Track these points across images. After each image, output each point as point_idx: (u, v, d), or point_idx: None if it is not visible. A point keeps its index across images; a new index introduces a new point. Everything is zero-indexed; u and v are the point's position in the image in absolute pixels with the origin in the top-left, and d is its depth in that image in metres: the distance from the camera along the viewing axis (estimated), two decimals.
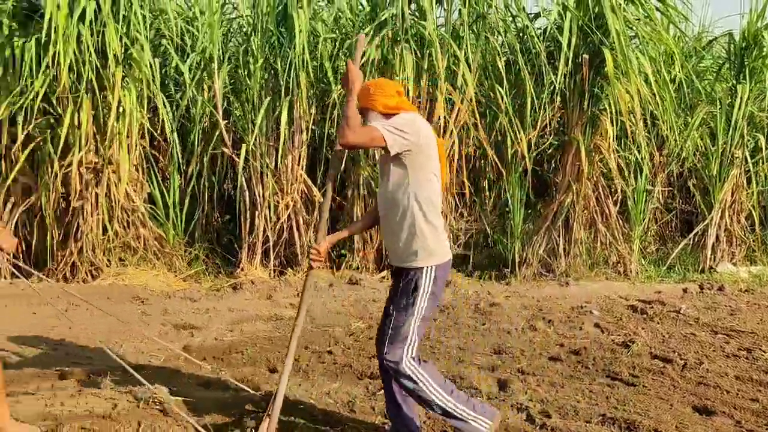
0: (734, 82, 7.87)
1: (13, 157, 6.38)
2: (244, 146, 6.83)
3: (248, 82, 6.85)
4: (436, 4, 6.76)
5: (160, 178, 7.20)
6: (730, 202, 7.91)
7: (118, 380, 4.22)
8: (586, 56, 6.85)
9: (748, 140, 7.80)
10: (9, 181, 6.45)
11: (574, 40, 6.81)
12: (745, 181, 7.95)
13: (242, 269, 7.00)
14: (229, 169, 7.59)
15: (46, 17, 5.90)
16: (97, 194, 6.57)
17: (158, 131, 7.22)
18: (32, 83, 6.12)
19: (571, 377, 4.61)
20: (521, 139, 6.99)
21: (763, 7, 7.79)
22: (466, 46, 6.79)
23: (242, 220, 7.06)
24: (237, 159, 6.87)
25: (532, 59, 7.10)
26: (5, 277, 6.61)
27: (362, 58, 6.42)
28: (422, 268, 3.18)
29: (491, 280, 7.19)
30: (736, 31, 8.05)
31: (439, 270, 3.22)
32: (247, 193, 7.01)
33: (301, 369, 4.57)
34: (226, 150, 7.15)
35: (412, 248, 3.19)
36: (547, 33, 7.22)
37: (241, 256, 7.06)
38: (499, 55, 7.10)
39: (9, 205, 6.60)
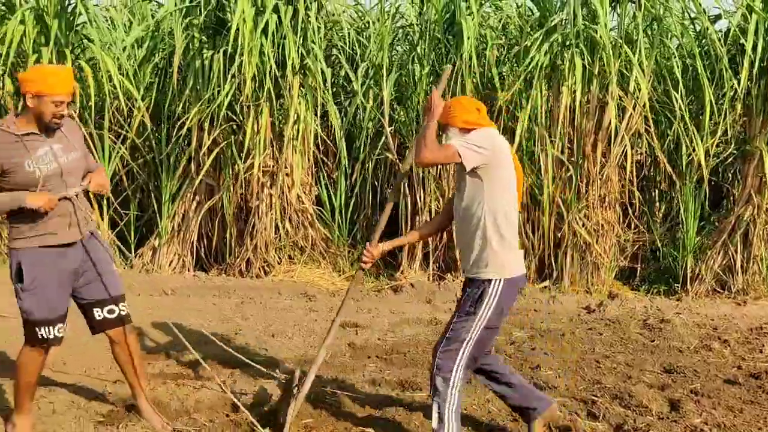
0: None
1: (200, 160, 6.94)
2: (407, 151, 6.98)
3: (414, 88, 6.99)
4: (609, 7, 6.55)
5: (327, 182, 7.55)
6: None
7: (288, 372, 4.49)
8: None
9: None
10: (196, 183, 7.03)
11: (760, 43, 6.35)
12: None
13: (402, 272, 7.15)
14: (391, 174, 7.80)
15: (233, 31, 6.37)
16: (271, 195, 7.00)
17: (327, 137, 7.57)
18: (219, 92, 6.62)
19: (751, 402, 4.30)
20: (698, 147, 6.61)
21: None
22: (640, 50, 6.52)
23: (403, 224, 7.22)
24: (401, 164, 7.03)
25: (712, 63, 6.69)
26: (189, 270, 7.21)
27: (534, 71, 6.38)
28: (490, 280, 3.24)
29: (660, 295, 6.85)
30: None
31: (507, 283, 3.27)
32: (408, 197, 7.16)
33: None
34: (390, 155, 7.35)
35: (483, 260, 3.25)
36: (729, 36, 6.77)
37: (401, 259, 7.22)
38: (675, 58, 6.76)
39: (194, 204, 7.19)
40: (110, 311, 3.56)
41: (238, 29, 6.35)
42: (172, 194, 7.13)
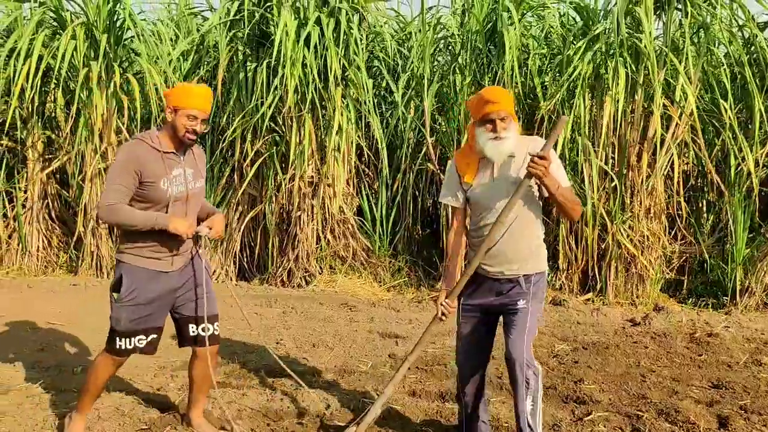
0: None
1: (243, 170, 7.03)
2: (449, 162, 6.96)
3: (455, 98, 6.98)
4: (654, 15, 6.45)
5: (368, 192, 7.57)
6: None
7: (329, 382, 4.51)
8: None
9: None
10: (240, 193, 7.13)
11: None
12: None
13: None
14: (431, 185, 7.78)
15: (276, 43, 6.46)
16: (313, 206, 7.05)
17: (369, 147, 7.61)
18: (262, 104, 6.71)
19: None
20: (747, 157, 6.45)
21: None
22: (686, 58, 6.41)
23: (443, 234, 7.19)
24: (442, 175, 7.02)
25: (761, 71, 6.53)
26: (231, 279, 7.30)
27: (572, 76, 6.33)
28: (544, 271, 3.50)
29: (708, 308, 6.68)
30: None
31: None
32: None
33: (504, 387, 4.54)
34: (431, 166, 7.35)
35: (539, 255, 3.46)
36: None
37: (441, 269, 7.20)
38: (723, 66, 6.62)
39: (237, 214, 7.29)
40: (204, 329, 3.62)
41: (281, 41, 6.44)
42: (215, 204, 7.25)
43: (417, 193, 7.72)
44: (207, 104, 3.49)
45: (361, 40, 7.02)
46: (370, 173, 7.88)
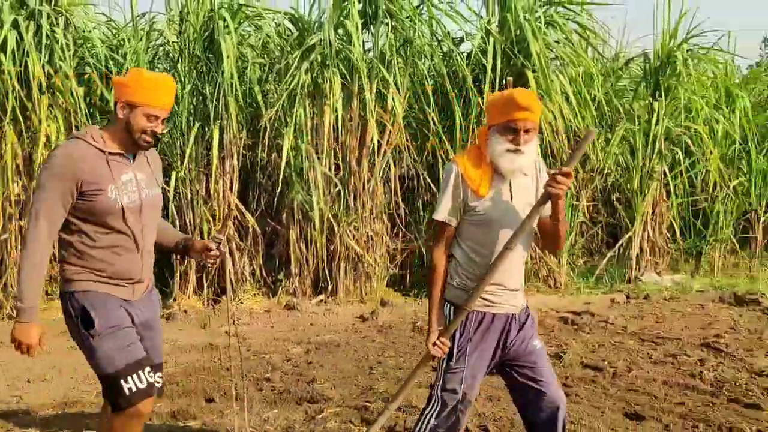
0: (651, 99, 8.24)
1: None
2: (173, 173, 6.74)
3: (176, 108, 6.78)
4: (363, 29, 6.87)
5: None
6: (652, 215, 8.24)
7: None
8: (510, 78, 7.07)
9: (666, 154, 8.15)
10: None
11: (498, 63, 7.03)
12: (665, 194, 8.30)
13: (175, 299, 6.87)
14: None
15: None
16: (21, 227, 6.37)
17: None
18: None
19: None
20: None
21: (675, 27, 8.23)
22: (395, 70, 6.92)
23: None
24: (167, 187, 6.78)
25: (459, 82, 7.28)
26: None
27: (292, 83, 6.49)
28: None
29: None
30: (652, 51, 8.45)
31: None
32: (177, 221, 6.91)
33: (239, 398, 4.50)
34: None
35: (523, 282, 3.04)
36: (472, 57, 7.42)
37: (173, 286, 6.94)
38: (426, 78, 7.26)
39: None
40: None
41: None
42: None
43: None
44: (172, 99, 2.89)
45: (68, 45, 6.50)
46: None
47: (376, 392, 4.58)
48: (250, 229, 6.97)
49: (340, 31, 6.82)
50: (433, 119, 7.04)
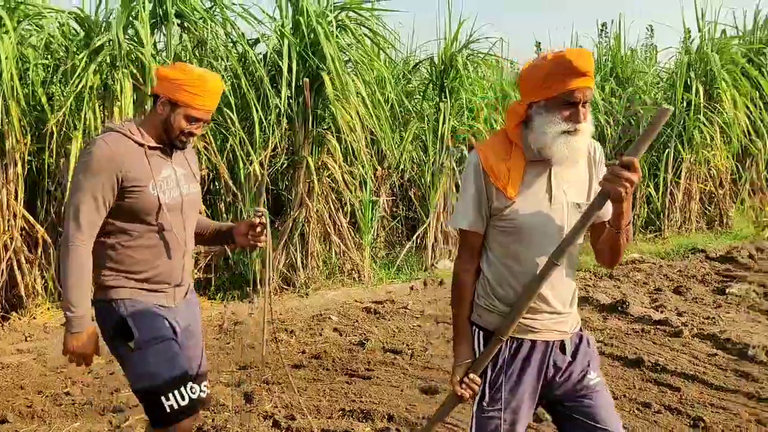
0: (437, 100, 8.87)
1: None
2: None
3: None
4: (155, 29, 6.72)
5: None
6: (444, 206, 8.88)
7: None
8: (306, 80, 7.28)
9: (453, 151, 8.83)
10: None
11: (294, 65, 7.21)
12: (454, 187, 8.96)
13: None
14: None
15: None
16: None
17: None
18: None
19: (314, 380, 4.91)
20: (253, 160, 7.21)
21: (456, 32, 8.91)
22: None
23: None
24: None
25: (257, 83, 7.36)
26: None
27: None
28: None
29: (235, 299, 7.30)
30: (437, 55, 9.08)
31: None
32: None
33: (36, 415, 4.29)
34: None
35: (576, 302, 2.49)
36: (268, 58, 7.54)
37: None
38: (224, 79, 7.25)
39: None
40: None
41: None
42: None
43: None
44: (217, 102, 2.65)
45: None
46: None
47: None
48: (40, 240, 6.56)
49: (130, 31, 6.62)
50: (231, 119, 7.06)
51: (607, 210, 2.24)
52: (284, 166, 7.89)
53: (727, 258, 8.94)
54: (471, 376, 2.33)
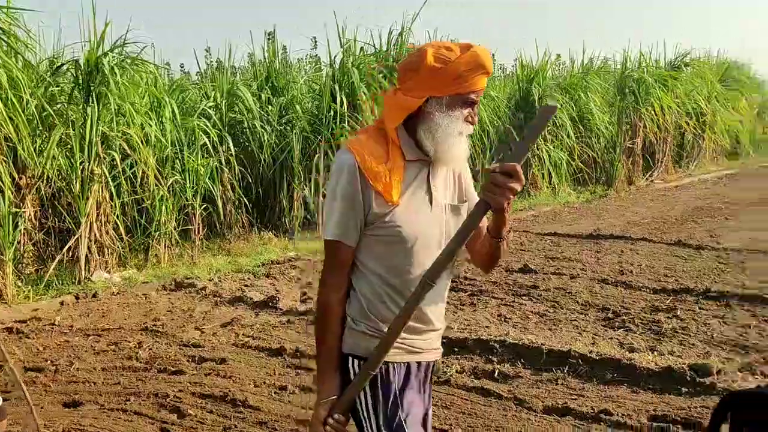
0: (85, 104, 8.52)
1: None
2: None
3: None
4: None
5: None
6: (97, 216, 8.56)
7: None
8: None
9: (104, 158, 8.56)
10: None
11: None
12: (107, 195, 8.68)
13: None
14: None
15: None
16: None
17: None
18: None
19: None
20: None
21: (101, 36, 8.64)
22: None
23: None
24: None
25: None
26: None
27: None
28: None
29: None
30: (83, 58, 8.70)
31: None
32: None
33: None
34: None
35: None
36: None
37: None
38: None
39: None
40: None
41: None
42: None
43: None
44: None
45: None
46: None
47: None
48: None
49: None
50: None
51: (485, 221, 2.07)
52: None
53: None
54: (336, 416, 2.05)
